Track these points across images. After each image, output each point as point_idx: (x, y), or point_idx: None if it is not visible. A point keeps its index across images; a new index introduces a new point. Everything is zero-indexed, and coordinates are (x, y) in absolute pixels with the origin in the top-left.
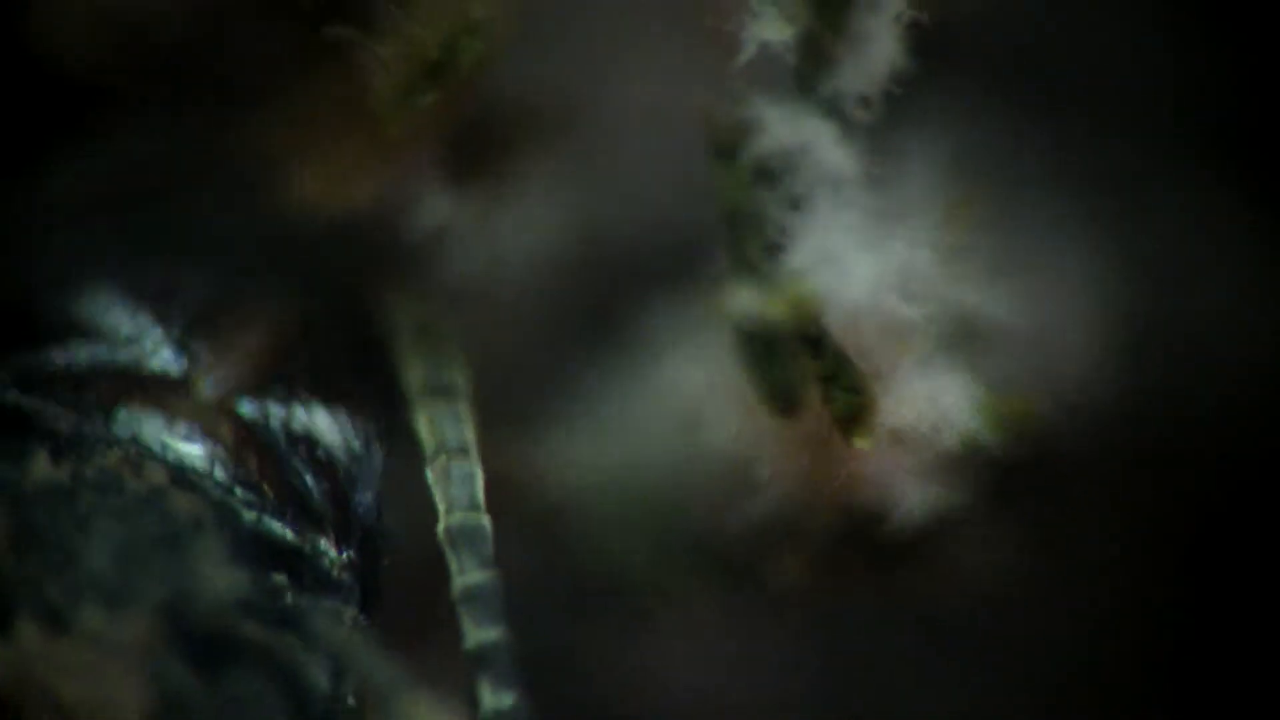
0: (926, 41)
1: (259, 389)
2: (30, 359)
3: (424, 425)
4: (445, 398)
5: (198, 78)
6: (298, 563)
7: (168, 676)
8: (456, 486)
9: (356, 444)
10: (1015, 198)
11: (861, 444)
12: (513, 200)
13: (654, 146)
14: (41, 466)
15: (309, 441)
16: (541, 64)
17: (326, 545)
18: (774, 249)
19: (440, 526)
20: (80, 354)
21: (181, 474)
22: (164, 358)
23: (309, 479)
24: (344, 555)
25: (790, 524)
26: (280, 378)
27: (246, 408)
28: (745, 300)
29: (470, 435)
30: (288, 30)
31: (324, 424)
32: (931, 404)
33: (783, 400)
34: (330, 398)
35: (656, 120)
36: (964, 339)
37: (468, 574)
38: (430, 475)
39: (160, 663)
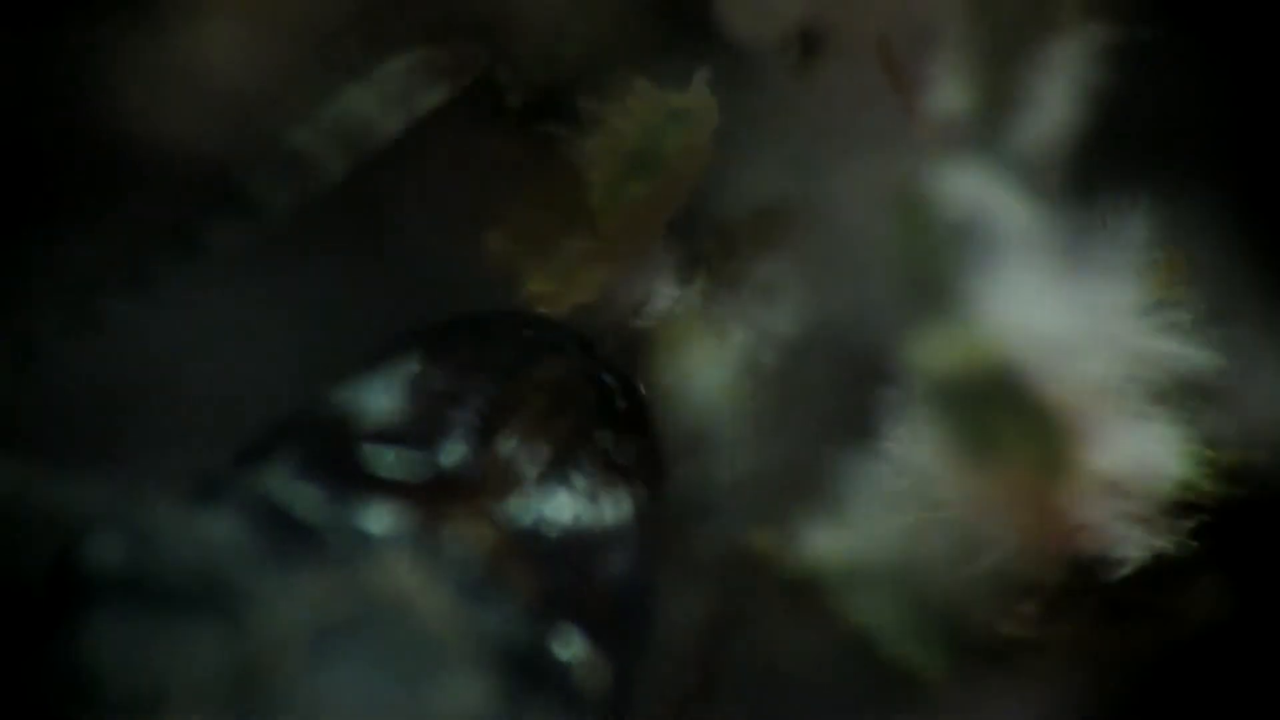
0: (1123, 99)
1: (527, 487)
2: (310, 453)
3: None
4: None
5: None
6: (545, 673)
7: None
8: None
9: (623, 543)
10: (1220, 251)
11: (1065, 495)
12: (739, 293)
13: (874, 230)
14: (306, 583)
15: (572, 540)
16: (760, 159)
17: (579, 650)
18: (960, 310)
19: None
20: (365, 454)
21: (436, 588)
22: (450, 458)
23: (568, 581)
24: (599, 661)
25: (1020, 578)
26: (552, 473)
27: (512, 509)
28: (936, 359)
29: None
30: (497, 133)
31: (588, 519)
32: (1144, 454)
33: (979, 454)
34: (598, 487)
35: (872, 203)
36: (1173, 392)
37: None
38: None
39: None
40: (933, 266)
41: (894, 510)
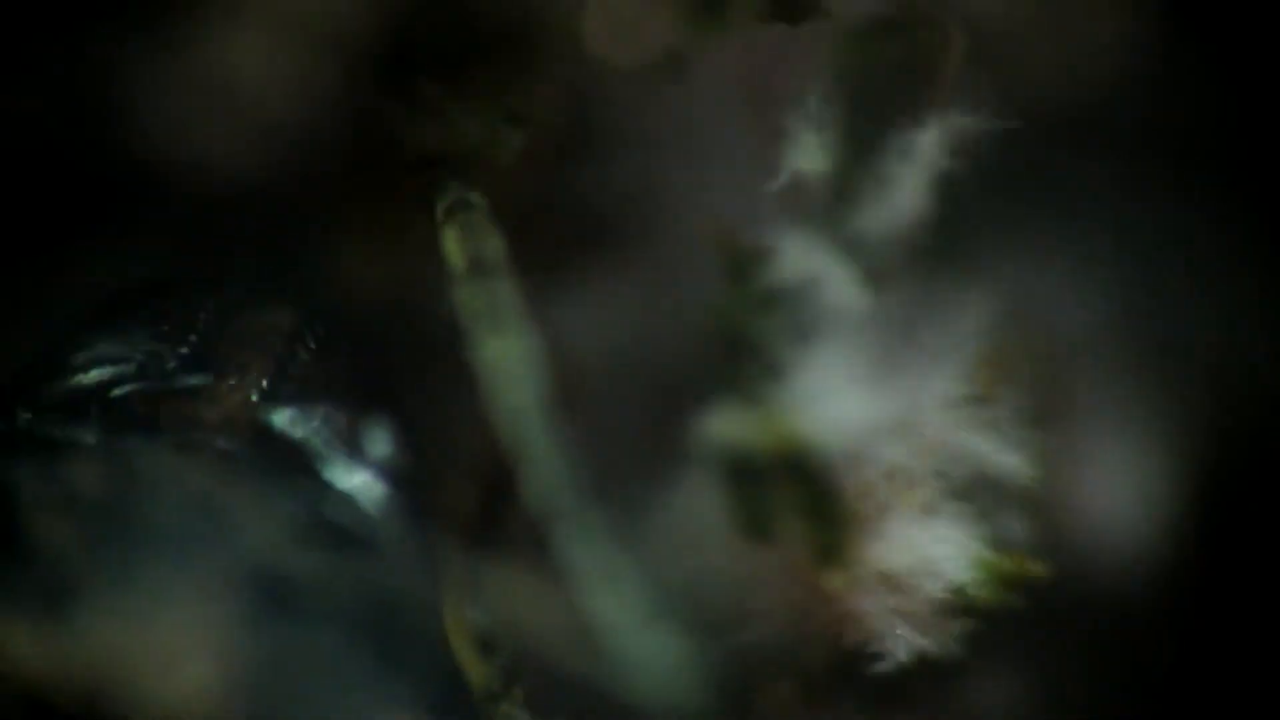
0: (977, 189)
1: (273, 394)
2: (56, 389)
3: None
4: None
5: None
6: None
7: (243, 638)
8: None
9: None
10: (1063, 355)
11: (838, 581)
12: (568, 298)
13: (705, 270)
14: (77, 480)
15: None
16: (609, 168)
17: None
18: (767, 377)
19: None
20: (105, 379)
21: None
22: (187, 374)
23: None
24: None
25: (781, 654)
26: (286, 380)
27: (263, 411)
28: (729, 425)
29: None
30: (340, 107)
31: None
32: (923, 551)
33: (755, 529)
34: (336, 393)
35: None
36: (972, 490)
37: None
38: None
39: (231, 627)
40: (745, 327)
41: (673, 559)
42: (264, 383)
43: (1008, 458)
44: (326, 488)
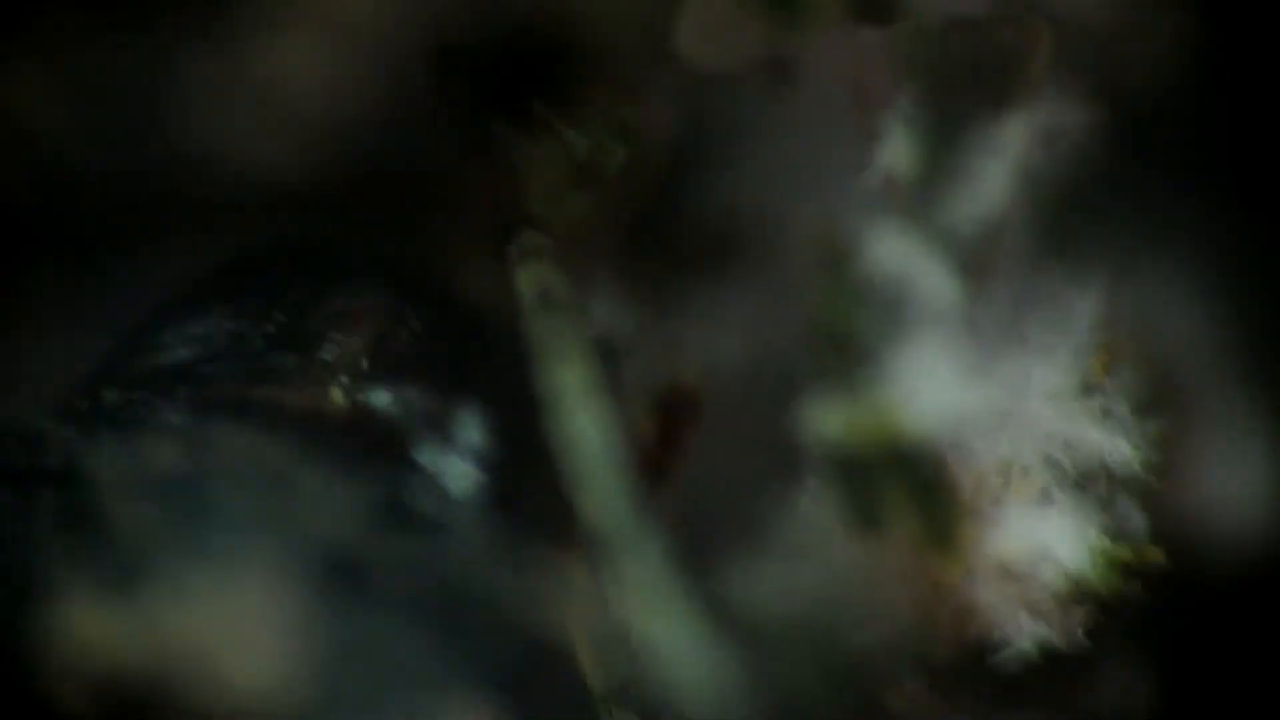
0: (1089, 182)
1: (370, 374)
2: (141, 368)
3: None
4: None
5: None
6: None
7: (315, 620)
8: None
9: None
10: (1177, 344)
11: (954, 572)
12: (688, 314)
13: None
14: (159, 460)
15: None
16: (732, 183)
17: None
18: (866, 370)
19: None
20: (190, 358)
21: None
22: (274, 354)
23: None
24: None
25: (907, 650)
26: (384, 361)
27: (357, 391)
28: (832, 419)
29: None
30: (446, 125)
31: (423, 397)
32: (1040, 541)
33: (866, 522)
34: (431, 376)
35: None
36: (1087, 480)
37: None
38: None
39: (303, 608)
40: (845, 324)
41: (800, 562)
42: (360, 362)
43: (1121, 447)
44: (412, 471)
